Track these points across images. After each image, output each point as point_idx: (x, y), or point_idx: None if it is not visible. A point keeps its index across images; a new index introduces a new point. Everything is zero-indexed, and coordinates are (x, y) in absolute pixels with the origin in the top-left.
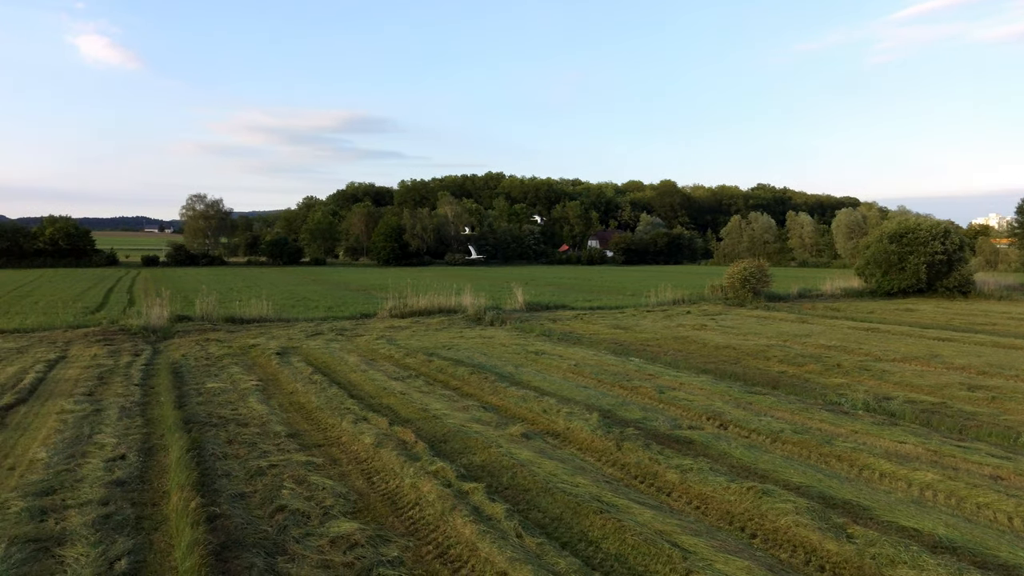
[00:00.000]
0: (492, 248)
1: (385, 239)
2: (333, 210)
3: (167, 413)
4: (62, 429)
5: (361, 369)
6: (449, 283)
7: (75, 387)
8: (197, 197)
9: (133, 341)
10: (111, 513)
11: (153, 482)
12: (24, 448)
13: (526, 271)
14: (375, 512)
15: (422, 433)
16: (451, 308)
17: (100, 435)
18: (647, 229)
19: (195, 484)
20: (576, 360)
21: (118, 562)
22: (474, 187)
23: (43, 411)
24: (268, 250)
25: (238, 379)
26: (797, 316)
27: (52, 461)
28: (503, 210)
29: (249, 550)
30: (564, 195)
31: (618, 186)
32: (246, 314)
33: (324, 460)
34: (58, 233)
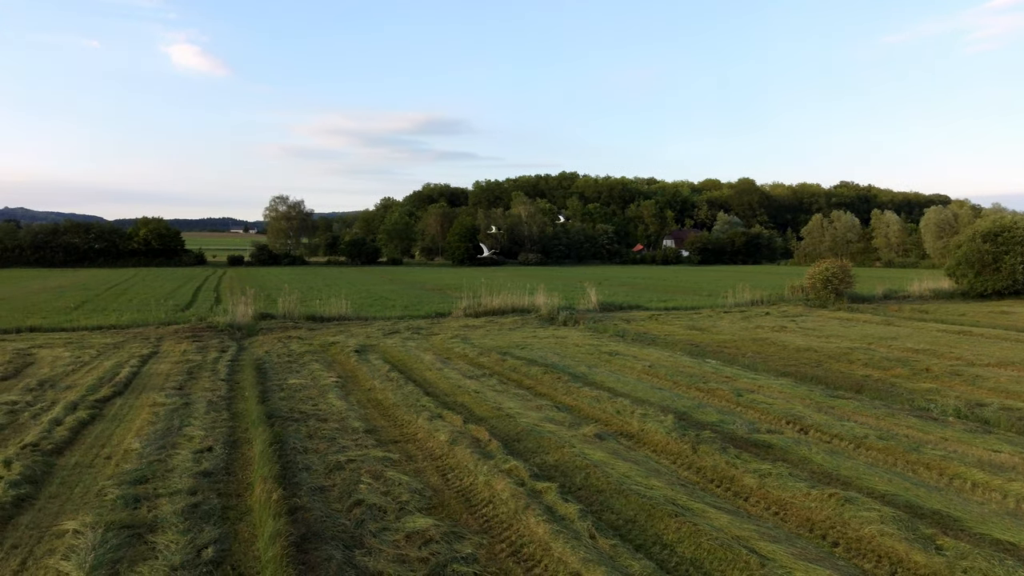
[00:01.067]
0: (565, 248)
1: (459, 239)
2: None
3: (251, 408)
4: (154, 421)
5: (436, 367)
6: (522, 283)
7: (166, 381)
8: (280, 199)
9: (220, 338)
10: (199, 503)
11: (238, 474)
12: (120, 439)
13: (599, 271)
14: (449, 509)
15: (496, 431)
16: (524, 308)
17: (189, 427)
18: (724, 228)
19: (277, 477)
20: (651, 361)
21: (205, 550)
22: (548, 187)
23: (137, 403)
24: (347, 250)
25: (318, 375)
26: (882, 318)
27: (145, 451)
28: (576, 210)
29: (328, 542)
30: (639, 194)
31: (694, 184)
32: (326, 312)
33: (400, 456)
34: (151, 234)
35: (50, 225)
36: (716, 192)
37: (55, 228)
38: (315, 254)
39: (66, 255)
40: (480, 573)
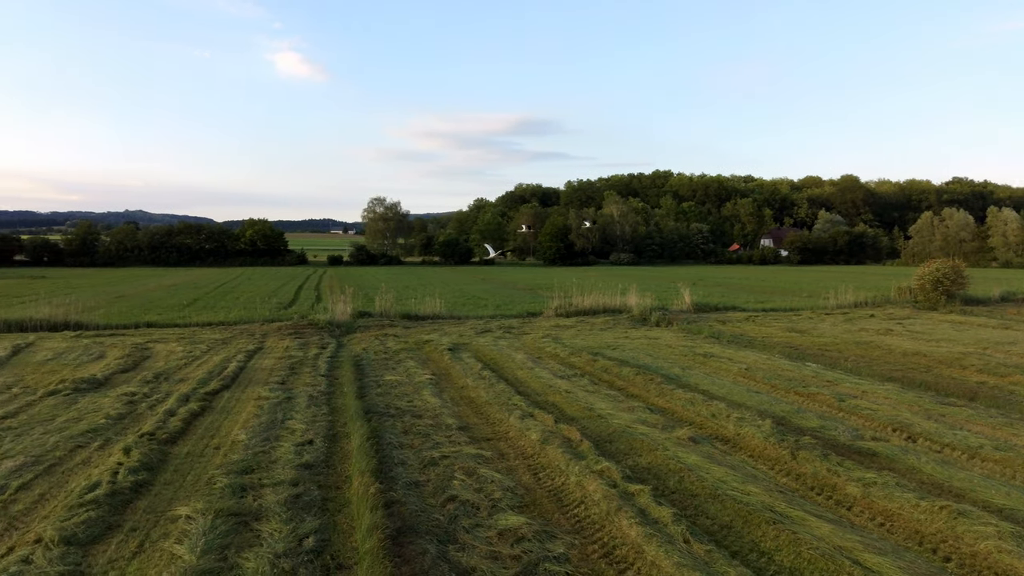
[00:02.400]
0: (658, 247)
1: (551, 239)
2: (502, 211)
3: (349, 403)
4: (259, 414)
5: (528, 366)
6: (614, 283)
7: (270, 376)
8: (377, 200)
9: (320, 335)
10: (300, 494)
11: (336, 467)
12: (227, 430)
13: (693, 271)
14: (541, 508)
15: (587, 432)
16: (616, 308)
17: (291, 421)
18: (825, 227)
19: (374, 471)
20: (747, 364)
21: (306, 539)
22: (640, 186)
23: (243, 397)
24: (441, 250)
25: (413, 373)
26: (999, 321)
27: (250, 443)
28: (670, 209)
29: (423, 536)
30: (735, 192)
31: (794, 182)
32: (420, 311)
33: (492, 454)
34: (256, 235)
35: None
36: (817, 190)
37: (170, 229)
38: (410, 254)
39: (179, 255)
40: (572, 573)
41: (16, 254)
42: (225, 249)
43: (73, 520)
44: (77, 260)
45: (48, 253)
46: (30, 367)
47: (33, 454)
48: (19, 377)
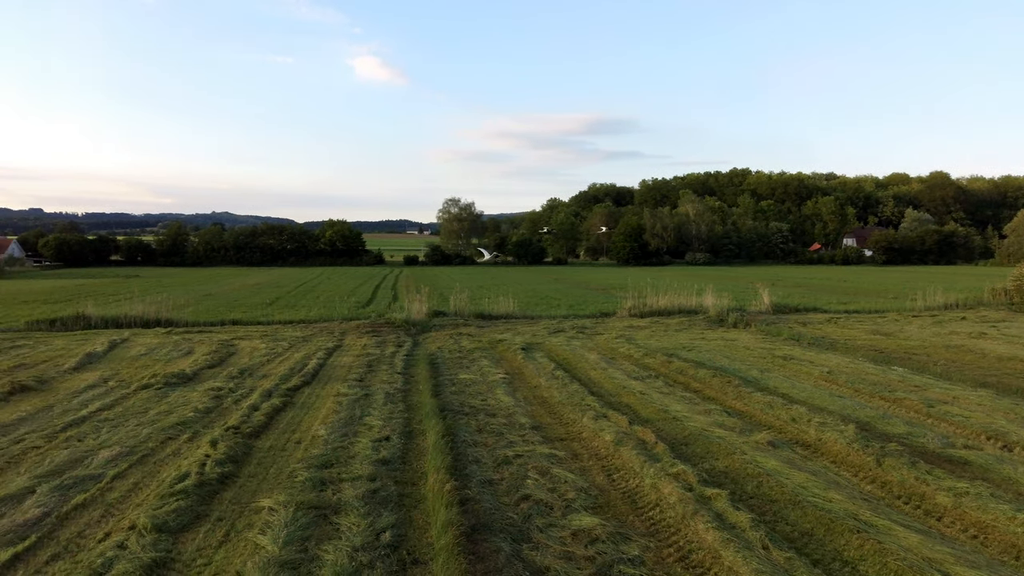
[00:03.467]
0: (736, 247)
1: (624, 239)
2: (575, 211)
3: (425, 400)
4: (338, 410)
5: (601, 367)
6: (689, 283)
7: (348, 373)
8: (452, 201)
9: (396, 333)
10: (377, 489)
11: (412, 463)
12: (308, 425)
13: (772, 271)
14: (615, 509)
15: (662, 434)
16: (691, 309)
17: (368, 417)
18: (913, 226)
19: (449, 468)
20: (829, 367)
21: (383, 534)
22: (717, 184)
23: (323, 393)
24: (514, 250)
25: (487, 372)
26: None
27: (330, 438)
28: (748, 207)
29: (497, 535)
30: (816, 190)
31: (879, 179)
32: (494, 311)
33: (566, 454)
34: (336, 235)
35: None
36: (904, 187)
37: (253, 230)
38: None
39: (262, 255)
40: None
41: (112, 254)
42: (306, 249)
43: (164, 509)
44: (168, 260)
45: (141, 253)
46: (125, 362)
47: (128, 445)
48: (115, 371)
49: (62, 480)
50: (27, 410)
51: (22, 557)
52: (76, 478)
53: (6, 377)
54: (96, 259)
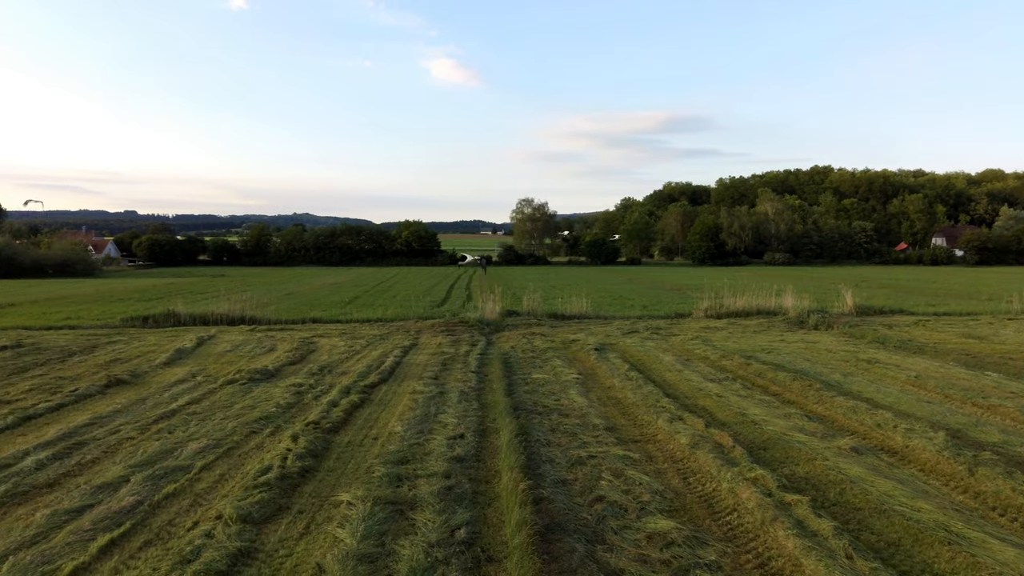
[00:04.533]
0: (816, 247)
1: (700, 238)
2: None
3: (498, 399)
4: (413, 407)
5: (676, 369)
6: (768, 283)
7: (424, 371)
8: (525, 201)
9: (470, 332)
10: (452, 486)
11: (486, 461)
12: (384, 422)
13: (855, 271)
14: (691, 513)
15: (740, 438)
16: (770, 310)
17: (443, 415)
18: (1008, 224)
19: (522, 467)
20: (917, 371)
21: (458, 531)
22: (797, 182)
23: (399, 390)
24: (587, 250)
25: (560, 372)
26: None
27: (406, 435)
28: (830, 206)
29: (571, 535)
30: (903, 188)
31: (971, 176)
32: (567, 311)
33: (640, 456)
34: (411, 236)
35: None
36: (999, 184)
37: (333, 231)
38: (557, 254)
39: (341, 255)
40: None
41: (200, 254)
42: (382, 249)
43: (248, 500)
44: (252, 259)
45: (227, 253)
46: (211, 358)
47: (214, 437)
48: (202, 367)
49: (154, 470)
50: (122, 403)
51: (118, 542)
52: (167, 468)
53: (103, 371)
54: (185, 259)
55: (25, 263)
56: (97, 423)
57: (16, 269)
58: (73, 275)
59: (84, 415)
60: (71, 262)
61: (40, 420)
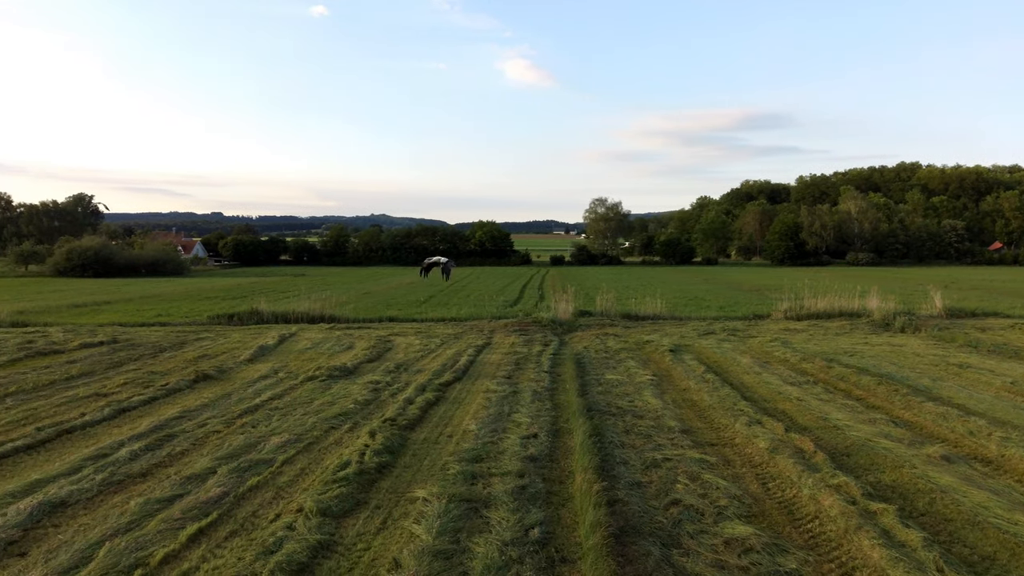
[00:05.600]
0: (903, 247)
1: (779, 238)
2: (726, 209)
3: (571, 399)
4: (487, 406)
5: (754, 371)
6: (851, 284)
7: (497, 370)
8: (599, 201)
9: (543, 332)
10: (525, 485)
11: (560, 461)
12: (459, 420)
13: (944, 272)
14: (770, 519)
15: (821, 443)
16: (853, 312)
17: (516, 414)
18: None
19: (596, 468)
20: (1013, 377)
21: (532, 530)
22: (882, 180)
23: (473, 389)
24: (661, 250)
25: (633, 373)
26: None
27: (479, 433)
28: (917, 204)
29: (646, 538)
30: (997, 184)
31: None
32: (640, 311)
33: (717, 459)
34: (485, 236)
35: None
36: None
37: (408, 232)
38: (630, 254)
39: (417, 255)
40: None
41: (282, 254)
42: (456, 249)
43: (328, 494)
44: (331, 259)
45: (307, 253)
46: (293, 355)
47: (295, 432)
48: (284, 363)
49: (238, 463)
50: (209, 397)
51: (205, 532)
52: (250, 461)
53: (192, 366)
54: (267, 258)
55: (120, 263)
56: (186, 416)
57: (112, 268)
58: (164, 274)
59: (174, 408)
60: (162, 262)
61: (134, 412)
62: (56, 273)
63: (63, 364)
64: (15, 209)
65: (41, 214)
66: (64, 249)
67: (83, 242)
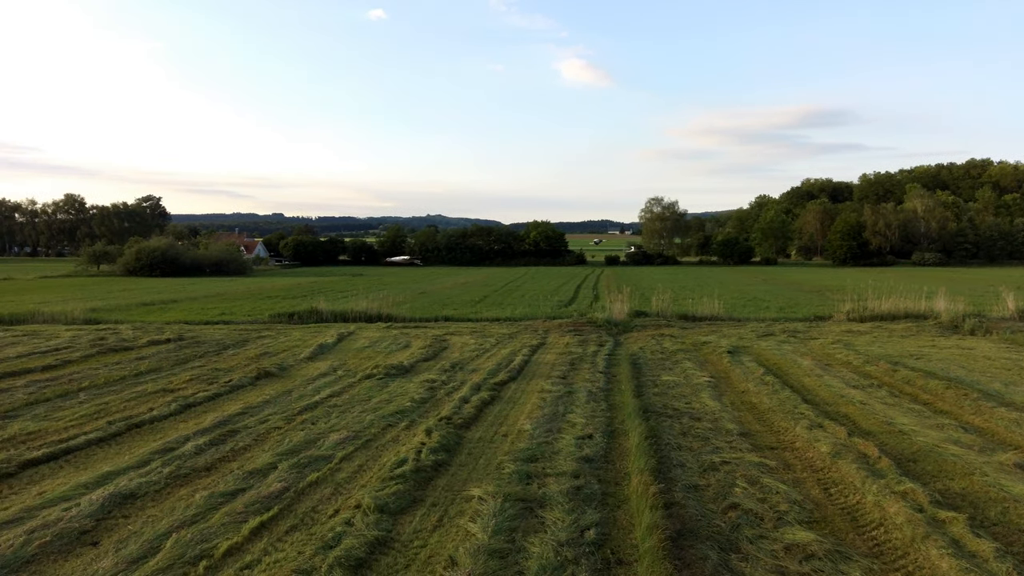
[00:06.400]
0: (972, 246)
1: (842, 237)
2: (786, 208)
3: (627, 400)
4: (541, 406)
5: (815, 374)
6: (917, 285)
7: (551, 370)
8: (655, 200)
9: (598, 333)
10: (581, 486)
11: (615, 463)
12: (513, 419)
13: (1017, 273)
14: (833, 525)
15: (886, 449)
16: (919, 313)
17: (571, 415)
18: None
19: (652, 470)
20: None
21: (587, 531)
22: (951, 177)
23: (527, 389)
24: (719, 250)
25: (690, 374)
26: None
27: (534, 433)
28: (988, 202)
29: (703, 542)
30: None
31: None
32: (697, 312)
33: (777, 463)
34: (539, 236)
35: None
36: None
37: (464, 232)
38: (687, 254)
39: (471, 255)
40: None
41: (340, 254)
42: (511, 249)
43: (385, 491)
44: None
45: (365, 253)
46: (351, 353)
47: (353, 429)
48: (343, 361)
49: (299, 459)
50: (270, 394)
51: (267, 525)
52: (310, 457)
53: (254, 364)
54: (326, 258)
55: (186, 263)
56: (248, 412)
57: (178, 268)
58: (227, 274)
59: (237, 405)
60: (225, 262)
61: (199, 408)
62: (126, 272)
63: (132, 360)
64: (88, 211)
65: (112, 215)
66: (133, 249)
67: (151, 243)
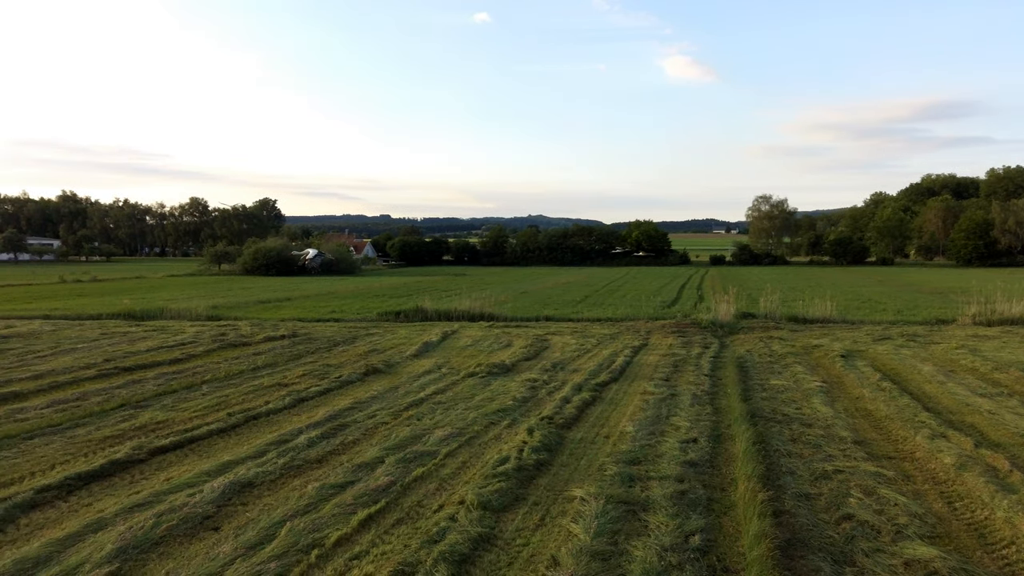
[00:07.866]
0: None
1: (966, 236)
2: (905, 206)
3: (733, 404)
4: (644, 408)
5: (937, 380)
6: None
7: (654, 372)
8: (763, 198)
9: (702, 334)
10: (685, 491)
11: (721, 468)
12: (615, 421)
13: None
14: (958, 542)
15: (1018, 462)
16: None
17: (675, 417)
18: None
19: (761, 477)
20: None
21: (692, 537)
22: None
23: (629, 390)
24: (831, 249)
25: (801, 378)
26: None
27: (637, 435)
28: None
29: (815, 552)
30: None
31: None
32: (808, 314)
33: (895, 474)
34: (641, 236)
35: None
36: None
37: (565, 232)
38: (796, 253)
39: (572, 255)
40: None
41: (444, 254)
42: (612, 249)
43: (488, 488)
44: (490, 259)
45: (468, 253)
46: (454, 351)
47: (457, 427)
48: (446, 359)
49: (405, 454)
50: (378, 390)
51: (374, 518)
52: (416, 453)
53: (362, 360)
54: (431, 259)
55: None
56: (357, 407)
57: (292, 268)
58: (337, 273)
59: (346, 400)
60: (336, 262)
61: (311, 402)
62: (244, 271)
63: (250, 355)
64: (211, 213)
65: (232, 217)
66: (251, 250)
67: (267, 243)
